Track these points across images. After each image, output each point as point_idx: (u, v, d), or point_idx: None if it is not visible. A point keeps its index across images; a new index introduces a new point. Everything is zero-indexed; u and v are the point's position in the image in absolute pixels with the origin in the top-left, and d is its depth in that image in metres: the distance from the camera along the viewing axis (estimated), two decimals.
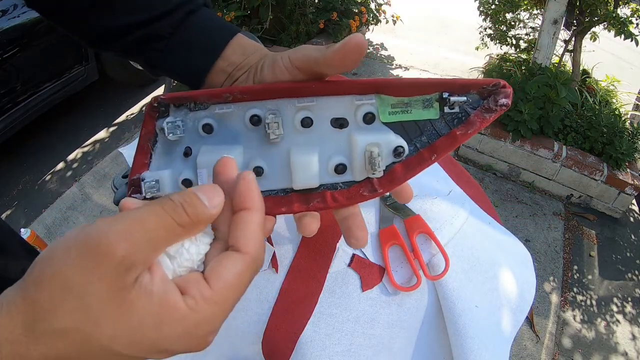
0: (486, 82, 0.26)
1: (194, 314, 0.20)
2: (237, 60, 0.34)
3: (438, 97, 0.27)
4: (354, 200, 0.29)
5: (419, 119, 0.28)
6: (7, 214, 2.00)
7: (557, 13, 2.19)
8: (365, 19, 3.14)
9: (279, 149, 0.30)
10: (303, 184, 0.29)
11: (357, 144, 0.28)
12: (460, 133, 0.27)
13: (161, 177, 0.30)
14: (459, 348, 0.46)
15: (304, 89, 0.29)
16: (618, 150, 2.02)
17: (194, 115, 0.31)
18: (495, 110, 0.26)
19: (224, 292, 0.22)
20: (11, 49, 2.06)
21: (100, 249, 0.18)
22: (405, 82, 0.27)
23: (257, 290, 0.47)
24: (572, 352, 1.58)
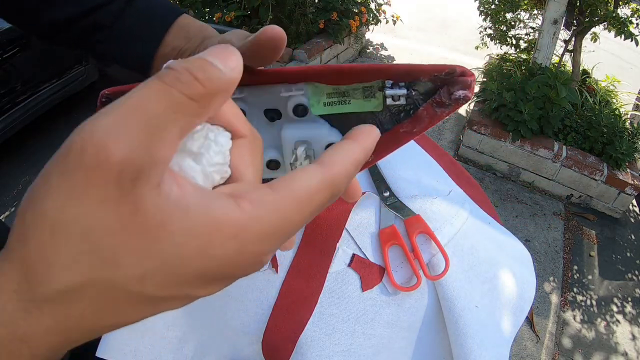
0: (439, 69, 0.21)
1: (253, 222, 0.15)
2: (179, 45, 0.34)
3: (381, 84, 0.23)
4: None
5: (360, 111, 0.24)
6: (7, 214, 2.00)
7: (557, 13, 2.20)
8: (365, 19, 3.14)
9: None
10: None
11: (285, 140, 0.26)
12: (404, 131, 0.22)
13: None
14: (459, 348, 0.46)
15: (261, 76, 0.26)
16: (618, 150, 2.02)
17: None
18: (449, 105, 0.21)
19: (292, 202, 0.16)
20: (11, 49, 2.06)
21: (86, 158, 0.13)
22: (336, 68, 0.23)
23: (257, 290, 0.47)
24: (572, 352, 1.58)
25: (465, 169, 0.67)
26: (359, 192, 0.26)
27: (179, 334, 0.53)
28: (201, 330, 0.52)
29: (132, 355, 0.51)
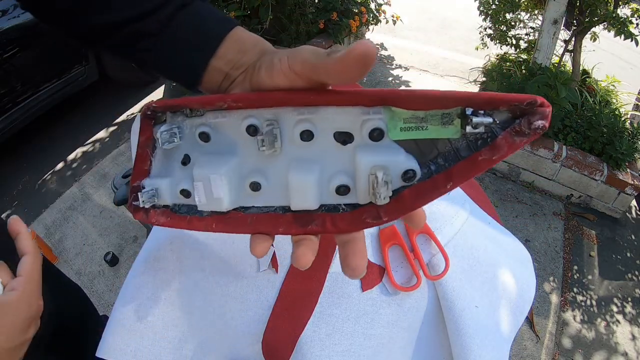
0: (519, 99, 0.21)
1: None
2: (234, 59, 0.32)
3: (460, 112, 0.23)
4: (355, 226, 0.26)
5: (437, 137, 0.24)
6: (7, 214, 2.00)
7: (557, 13, 2.19)
8: (365, 19, 3.14)
9: (278, 162, 0.27)
10: (300, 205, 0.26)
11: (361, 164, 0.24)
12: (482, 158, 0.22)
13: (160, 186, 0.30)
14: (459, 348, 0.46)
15: (303, 98, 0.25)
16: (618, 150, 2.02)
17: (190, 121, 0.29)
18: (528, 134, 0.21)
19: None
20: (11, 49, 2.06)
21: None
22: (419, 93, 0.23)
23: (257, 290, 0.47)
24: (572, 352, 1.58)
25: None
26: (423, 218, 0.26)
27: (179, 334, 0.53)
28: (201, 331, 0.52)
29: (131, 355, 0.51)
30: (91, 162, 2.28)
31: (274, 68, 0.27)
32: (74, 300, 0.79)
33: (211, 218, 0.28)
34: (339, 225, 0.26)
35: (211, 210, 0.28)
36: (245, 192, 0.28)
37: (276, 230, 0.27)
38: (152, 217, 0.30)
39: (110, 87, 2.80)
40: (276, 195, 0.28)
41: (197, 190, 0.27)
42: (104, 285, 1.66)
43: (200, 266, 0.50)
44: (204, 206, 0.28)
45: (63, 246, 1.81)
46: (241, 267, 0.48)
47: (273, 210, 0.28)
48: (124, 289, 0.54)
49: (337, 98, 0.25)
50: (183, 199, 0.29)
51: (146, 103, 0.30)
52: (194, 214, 0.29)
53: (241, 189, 0.28)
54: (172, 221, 0.30)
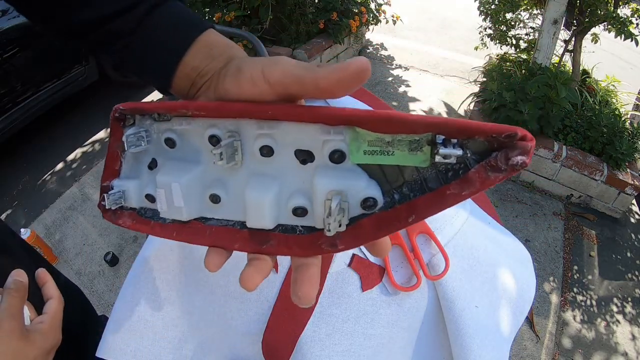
0: (497, 130, 0.19)
1: None
2: (200, 65, 0.31)
3: (430, 138, 0.21)
4: (310, 251, 0.24)
5: (403, 164, 0.22)
6: (7, 214, 2.00)
7: (557, 13, 2.19)
8: (365, 19, 3.14)
9: (239, 175, 0.26)
10: (256, 223, 0.25)
11: (318, 188, 0.23)
12: (451, 192, 0.20)
13: (127, 188, 0.30)
14: (459, 348, 0.46)
15: (264, 110, 0.24)
16: (618, 150, 2.02)
17: (158, 125, 0.29)
18: (505, 170, 0.18)
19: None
20: (11, 49, 2.06)
21: None
22: (384, 116, 0.21)
23: (257, 290, 0.47)
24: (572, 352, 1.58)
25: None
26: (387, 249, 0.25)
27: (179, 334, 0.53)
28: (201, 331, 0.52)
29: (132, 355, 0.51)
30: (91, 162, 2.28)
31: (242, 75, 0.26)
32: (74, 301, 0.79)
33: (172, 226, 0.28)
34: (294, 249, 0.25)
35: (172, 218, 0.28)
36: (206, 203, 0.27)
37: (232, 246, 0.27)
38: (119, 218, 0.30)
39: (110, 87, 2.80)
40: (235, 210, 0.27)
41: (159, 198, 0.27)
42: (104, 285, 1.66)
43: (200, 266, 0.50)
44: (165, 214, 0.28)
45: (63, 246, 1.81)
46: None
47: (232, 225, 0.27)
48: (124, 289, 0.54)
49: (299, 112, 0.23)
50: (148, 203, 0.29)
51: (115, 106, 0.30)
52: (157, 220, 0.29)
53: (202, 200, 0.28)
54: (136, 224, 0.29)
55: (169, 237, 0.29)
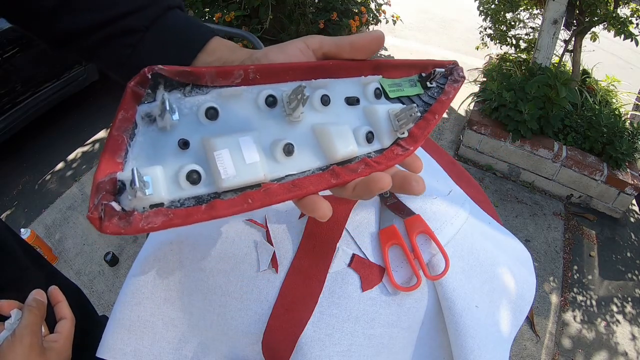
0: (448, 62, 0.35)
1: None
2: (224, 56, 0.32)
3: (418, 77, 0.35)
4: (394, 160, 0.31)
5: (411, 95, 0.35)
6: (7, 214, 2.00)
7: (557, 13, 2.19)
8: (365, 19, 3.14)
9: (302, 128, 0.29)
10: (345, 153, 0.29)
11: (379, 111, 0.31)
12: (444, 98, 0.34)
13: (153, 174, 0.22)
14: (459, 348, 0.46)
15: (323, 67, 0.30)
16: (618, 150, 2.02)
17: (190, 100, 0.25)
18: (459, 80, 0.34)
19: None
20: (11, 49, 2.06)
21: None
22: (398, 63, 0.34)
23: (257, 290, 0.47)
24: (572, 352, 1.58)
25: (465, 169, 0.67)
26: (421, 163, 0.32)
27: (179, 334, 0.53)
28: (201, 331, 0.52)
29: (131, 355, 0.51)
30: (91, 162, 2.28)
31: (288, 48, 0.30)
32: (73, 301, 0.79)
33: (241, 196, 0.24)
34: (381, 161, 0.30)
35: (241, 184, 0.24)
36: (275, 160, 0.26)
37: (329, 183, 0.27)
38: (136, 222, 0.21)
39: (110, 87, 2.80)
40: (308, 159, 0.28)
41: (220, 161, 0.23)
42: (104, 285, 1.66)
43: (200, 266, 0.50)
44: (232, 180, 0.23)
45: (63, 246, 1.81)
46: (241, 267, 0.48)
47: (311, 173, 0.28)
48: (124, 289, 0.54)
49: (347, 67, 0.31)
50: (188, 187, 0.23)
51: (148, 67, 0.23)
52: (210, 199, 0.23)
53: (270, 158, 0.26)
54: (175, 218, 0.22)
55: (244, 209, 0.23)
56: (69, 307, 0.52)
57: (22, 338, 0.42)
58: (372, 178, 0.27)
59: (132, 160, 0.23)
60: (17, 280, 0.64)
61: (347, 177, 0.28)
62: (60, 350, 0.46)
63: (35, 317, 0.45)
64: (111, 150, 0.22)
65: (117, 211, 0.21)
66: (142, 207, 0.22)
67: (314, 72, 0.30)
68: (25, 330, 0.43)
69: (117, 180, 0.22)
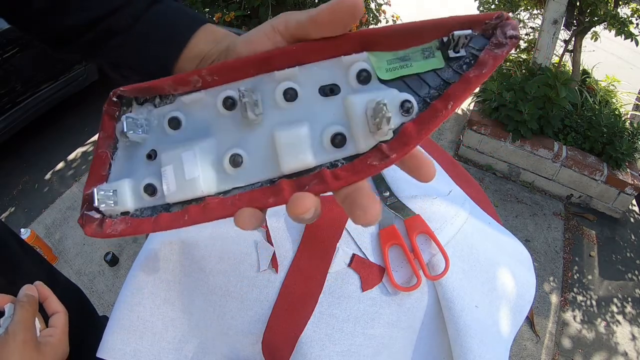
0: (488, 17, 0.22)
1: None
2: (206, 48, 0.31)
3: (438, 44, 0.23)
4: (361, 174, 0.23)
5: (423, 71, 0.24)
6: (7, 214, 2.00)
7: (557, 13, 2.19)
8: (365, 19, 3.14)
9: (260, 132, 0.25)
10: (295, 165, 0.24)
11: (355, 105, 0.23)
12: (474, 75, 0.22)
13: (119, 186, 0.26)
14: (459, 348, 0.46)
15: (285, 55, 0.24)
16: (618, 150, 2.02)
17: (159, 111, 0.27)
18: (506, 44, 0.22)
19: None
20: (11, 49, 2.06)
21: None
22: (397, 28, 0.23)
23: (257, 290, 0.47)
24: (572, 352, 1.58)
25: (465, 169, 0.67)
26: (433, 170, 0.25)
27: (179, 334, 0.53)
28: (201, 331, 0.52)
29: (131, 355, 0.51)
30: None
31: (253, 36, 0.26)
32: (73, 301, 0.79)
33: (182, 211, 0.24)
34: (342, 176, 0.23)
35: (183, 199, 0.24)
36: (224, 172, 0.25)
37: (266, 202, 0.24)
38: (107, 227, 0.25)
39: (110, 87, 2.79)
40: (260, 169, 0.25)
41: (165, 177, 0.24)
42: (104, 285, 1.66)
43: (200, 266, 0.50)
44: (173, 196, 0.24)
45: (63, 246, 1.81)
46: (241, 267, 0.48)
47: (259, 186, 0.25)
48: (124, 289, 0.54)
49: (320, 47, 0.24)
50: (147, 198, 0.26)
51: (113, 90, 0.27)
52: (159, 211, 0.25)
53: (219, 169, 0.25)
54: (131, 228, 0.25)
55: (180, 225, 0.24)
56: (59, 301, 0.51)
57: (16, 335, 0.42)
58: (291, 201, 0.22)
59: (114, 171, 0.27)
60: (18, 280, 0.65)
61: (288, 195, 0.23)
62: (56, 345, 0.46)
63: (27, 312, 0.44)
64: (96, 167, 0.27)
65: (96, 218, 0.26)
66: (115, 214, 0.26)
67: (275, 61, 0.25)
68: (17, 327, 0.42)
69: (95, 191, 0.25)
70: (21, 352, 0.41)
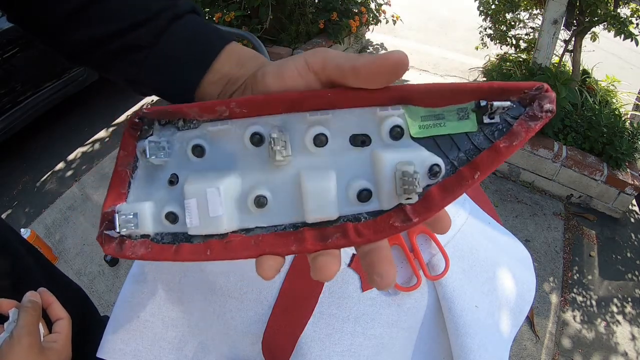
0: (527, 86, 0.22)
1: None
2: (231, 72, 0.30)
3: (474, 106, 0.23)
4: (383, 233, 0.23)
5: (454, 133, 0.23)
6: (7, 214, 2.00)
7: (557, 13, 2.19)
8: (365, 19, 3.14)
9: (286, 174, 0.24)
10: (319, 215, 0.23)
11: (385, 163, 0.23)
12: (504, 145, 0.22)
13: (141, 209, 0.25)
14: (459, 348, 0.46)
15: (318, 98, 0.24)
16: (618, 150, 2.02)
17: (182, 135, 0.26)
18: (541, 117, 0.22)
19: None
20: (11, 49, 2.06)
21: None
22: (436, 88, 0.23)
23: (257, 290, 0.47)
24: (572, 353, 1.58)
25: None
26: (449, 223, 0.24)
27: (179, 334, 0.53)
28: (201, 331, 0.52)
29: (131, 355, 0.51)
30: (91, 162, 2.28)
31: (286, 69, 0.25)
32: (74, 301, 0.79)
33: (204, 244, 0.24)
34: (365, 233, 0.23)
35: (205, 233, 0.24)
36: (247, 210, 0.25)
37: (288, 250, 0.24)
38: (127, 249, 0.25)
39: (110, 87, 2.80)
40: (284, 212, 0.25)
41: (188, 210, 0.24)
42: (104, 285, 1.66)
43: (200, 266, 0.50)
44: (196, 229, 0.24)
45: (63, 246, 1.81)
46: (241, 267, 0.48)
47: (282, 229, 0.25)
48: (124, 289, 0.54)
49: (355, 96, 0.24)
50: (168, 225, 0.25)
51: (135, 110, 0.27)
52: (181, 241, 0.25)
53: (243, 207, 0.25)
54: (152, 252, 0.25)
55: (201, 259, 0.24)
56: (62, 308, 0.52)
57: (21, 339, 0.43)
58: (318, 267, 0.23)
59: (133, 191, 0.26)
60: (20, 279, 0.65)
61: (311, 246, 0.23)
62: (60, 350, 0.47)
63: (31, 317, 0.45)
64: (115, 184, 0.26)
65: (114, 238, 0.25)
66: (135, 235, 0.25)
67: (308, 103, 0.24)
68: (22, 331, 0.43)
69: (116, 212, 0.25)
70: (26, 356, 0.42)
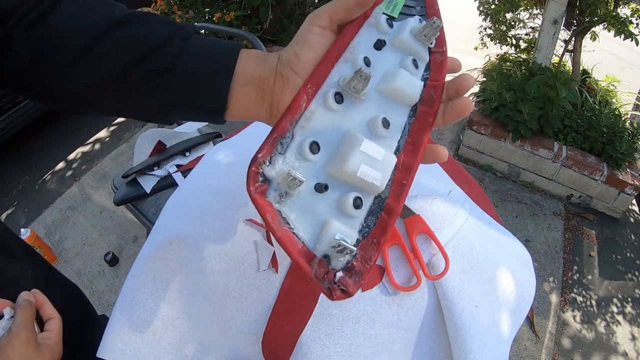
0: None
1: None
2: (257, 71, 0.31)
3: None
4: (442, 69, 0.33)
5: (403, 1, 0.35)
6: (7, 214, 2.00)
7: (557, 13, 2.19)
8: None
9: (369, 98, 0.30)
10: (417, 91, 0.31)
11: (404, 37, 0.32)
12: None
13: (340, 230, 0.26)
14: (459, 348, 0.46)
15: (342, 42, 0.30)
16: (618, 150, 2.02)
17: (287, 155, 0.27)
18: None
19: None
20: None
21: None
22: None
23: (257, 290, 0.47)
24: (572, 353, 1.58)
25: (465, 169, 0.67)
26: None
27: (179, 334, 0.53)
28: (201, 331, 0.52)
29: (131, 355, 0.51)
30: (91, 162, 2.28)
31: (309, 39, 0.30)
32: (74, 301, 0.79)
33: (395, 187, 0.29)
34: (436, 78, 0.33)
35: (388, 178, 0.29)
36: (384, 137, 0.30)
37: (427, 124, 0.31)
38: (352, 288, 0.26)
39: None
40: (399, 117, 0.31)
41: (367, 176, 0.26)
42: (104, 285, 1.66)
43: (200, 266, 0.50)
44: (384, 180, 0.28)
45: (63, 246, 1.81)
46: (241, 267, 0.48)
47: (408, 125, 0.31)
48: (124, 289, 0.54)
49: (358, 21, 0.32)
50: (356, 213, 0.27)
51: (250, 168, 0.26)
52: (381, 209, 0.28)
53: (381, 139, 0.30)
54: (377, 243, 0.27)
55: (407, 192, 0.29)
56: (54, 308, 0.55)
57: (19, 334, 0.45)
58: (456, 82, 0.31)
59: (302, 231, 0.26)
60: (17, 280, 0.64)
61: (434, 108, 0.31)
62: (53, 346, 0.50)
63: (28, 314, 0.48)
64: (287, 242, 0.25)
65: (338, 279, 0.26)
66: (340, 265, 0.26)
67: (341, 47, 0.30)
68: (20, 327, 0.46)
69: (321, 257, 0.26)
70: (25, 350, 0.45)
